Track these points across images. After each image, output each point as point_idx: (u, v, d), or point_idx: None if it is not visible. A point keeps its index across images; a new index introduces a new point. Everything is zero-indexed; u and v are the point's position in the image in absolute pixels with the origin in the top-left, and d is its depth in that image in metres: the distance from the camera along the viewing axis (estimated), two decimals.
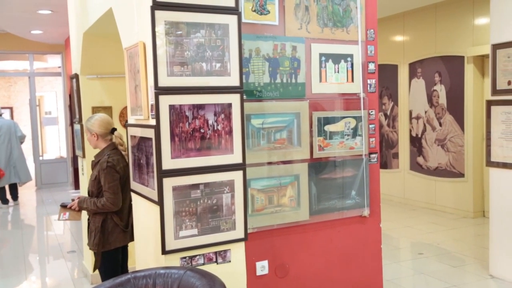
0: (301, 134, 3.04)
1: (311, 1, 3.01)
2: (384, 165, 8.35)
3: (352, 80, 3.21)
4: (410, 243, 5.92)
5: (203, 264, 2.58)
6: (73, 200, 3.33)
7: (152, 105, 2.50)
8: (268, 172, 2.95)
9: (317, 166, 3.12)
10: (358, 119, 3.23)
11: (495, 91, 4.39)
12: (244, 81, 2.77)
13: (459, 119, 6.93)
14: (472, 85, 6.74)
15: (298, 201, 3.04)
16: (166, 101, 2.44)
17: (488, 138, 4.49)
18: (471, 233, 6.13)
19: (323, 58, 3.08)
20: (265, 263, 2.95)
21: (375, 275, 3.35)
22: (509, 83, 4.25)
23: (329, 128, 3.14)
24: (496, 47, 4.35)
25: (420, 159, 7.66)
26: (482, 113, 6.62)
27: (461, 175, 6.97)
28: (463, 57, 6.82)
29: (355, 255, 3.28)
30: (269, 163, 2.95)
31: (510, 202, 4.31)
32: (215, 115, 2.56)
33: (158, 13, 2.40)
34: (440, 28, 7.17)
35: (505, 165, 4.33)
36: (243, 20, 2.79)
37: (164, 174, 2.45)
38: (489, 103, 4.46)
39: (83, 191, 4.62)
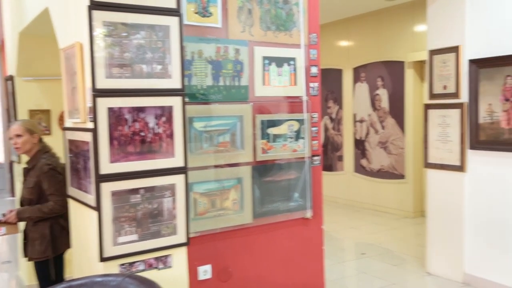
0: (244, 137, 3.03)
1: (254, 5, 3.02)
2: (330, 167, 8.51)
3: (295, 84, 3.24)
4: (354, 243, 6.06)
5: (144, 270, 2.52)
6: (4, 214, 3.14)
7: (89, 108, 2.43)
8: (211, 175, 2.92)
9: (261, 169, 3.13)
10: (301, 122, 3.26)
11: (432, 95, 4.57)
12: (186, 83, 2.74)
13: (400, 122, 7.17)
14: (412, 90, 6.98)
15: (242, 204, 3.04)
16: (104, 103, 2.37)
17: (426, 141, 4.66)
18: (411, 232, 6.34)
19: (266, 61, 3.10)
20: (207, 267, 2.92)
21: (317, 276, 3.40)
22: (444, 87, 4.43)
23: (272, 131, 3.15)
24: (432, 53, 4.52)
25: (363, 161, 7.86)
26: (421, 117, 6.87)
27: (402, 176, 7.20)
28: (403, 62, 7.06)
29: (298, 257, 3.30)
30: (212, 166, 2.93)
31: (446, 202, 4.49)
32: (156, 118, 2.51)
33: (95, 13, 2.33)
34: (382, 34, 7.39)
35: (441, 167, 4.51)
36: (185, 22, 2.76)
37: (102, 178, 2.37)
38: (427, 107, 4.63)
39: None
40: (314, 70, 3.32)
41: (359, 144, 7.92)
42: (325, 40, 8.15)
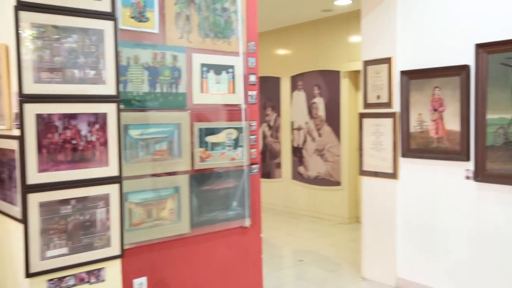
0: (182, 145, 2.98)
1: (192, 11, 2.98)
2: (268, 174, 8.56)
3: (234, 91, 3.22)
4: (291, 250, 6.11)
5: (74, 285, 2.39)
6: None
7: (16, 114, 2.28)
8: (147, 184, 2.84)
9: (199, 177, 3.08)
10: (239, 130, 3.25)
11: (366, 105, 4.70)
12: (121, 90, 2.65)
13: (336, 130, 7.33)
14: (347, 98, 7.17)
15: (179, 214, 2.97)
16: (32, 109, 2.24)
17: (361, 149, 4.78)
18: (346, 238, 6.48)
19: (204, 69, 3.06)
20: (143, 279, 2.83)
21: (256, 285, 3.38)
22: (378, 97, 4.58)
23: (210, 139, 3.11)
24: (366, 63, 4.66)
25: (301, 169, 7.97)
26: (356, 125, 7.07)
27: (338, 183, 7.36)
28: (339, 72, 7.24)
29: (236, 266, 3.28)
30: (148, 175, 2.85)
31: (379, 209, 4.62)
32: (88, 125, 2.40)
33: (23, 14, 2.20)
34: (319, 44, 7.55)
35: (375, 174, 4.64)
36: (120, 26, 2.67)
37: (29, 189, 2.24)
38: (361, 116, 4.76)
39: None
40: (252, 78, 3.33)
41: (297, 152, 8.03)
42: (264, 48, 8.22)
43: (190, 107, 3.01)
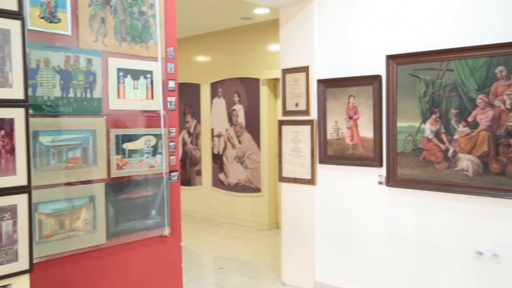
0: (97, 152, 2.85)
1: (108, 13, 2.87)
2: (188, 182, 8.46)
3: (152, 97, 3.14)
4: (212, 258, 6.06)
5: None
6: None
7: None
8: (59, 194, 2.69)
9: (115, 186, 2.96)
10: (158, 136, 3.17)
11: (285, 112, 4.79)
12: (30, 94, 2.49)
13: (256, 137, 7.41)
14: (267, 106, 7.28)
15: (94, 224, 2.84)
16: None
17: (280, 155, 4.86)
18: (266, 244, 6.55)
19: (121, 73, 2.96)
20: None
21: None
22: (296, 105, 4.68)
23: (128, 146, 3.01)
24: (285, 71, 4.76)
25: (221, 176, 7.96)
26: (276, 132, 7.19)
27: (258, 190, 7.43)
28: (258, 79, 7.33)
29: (155, 276, 3.18)
30: (61, 184, 2.69)
31: (298, 214, 4.71)
32: None
33: None
34: (239, 51, 7.61)
35: (294, 180, 4.73)
36: (29, 27, 2.51)
37: None
38: (281, 123, 4.84)
39: None
40: (171, 84, 3.27)
41: (217, 159, 8.01)
42: (183, 54, 8.14)
43: (106, 113, 2.89)
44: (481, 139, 3.51)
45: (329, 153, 4.47)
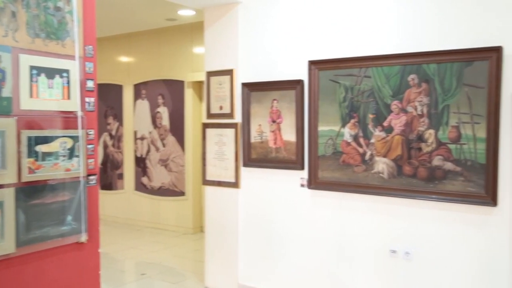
0: (6, 155, 2.67)
1: (19, 7, 2.71)
2: (109, 186, 8.19)
3: (69, 98, 3.00)
4: (134, 264, 5.90)
5: None
6: None
7: None
8: None
9: (27, 190, 2.79)
10: (75, 139, 3.03)
11: (209, 115, 4.76)
12: None
13: (181, 140, 7.32)
14: (192, 109, 7.21)
15: (2, 232, 2.65)
16: None
17: (204, 158, 4.82)
18: (191, 248, 6.47)
19: (34, 71, 2.80)
20: None
21: None
22: (221, 108, 4.67)
23: (41, 148, 2.85)
24: (209, 74, 4.73)
25: (144, 179, 7.78)
26: (200, 135, 7.14)
27: (183, 193, 7.34)
28: (183, 81, 7.25)
29: (72, 285, 3.03)
30: None
31: (222, 218, 4.70)
32: None
33: None
34: (163, 53, 7.48)
35: (218, 183, 4.71)
36: None
37: None
38: (205, 126, 4.81)
39: None
40: (90, 84, 3.13)
41: (140, 162, 7.82)
42: (104, 54, 7.88)
43: (17, 113, 2.72)
44: (396, 143, 3.68)
45: (253, 156, 4.50)
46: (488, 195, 3.32)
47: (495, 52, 3.23)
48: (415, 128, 3.59)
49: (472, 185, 3.38)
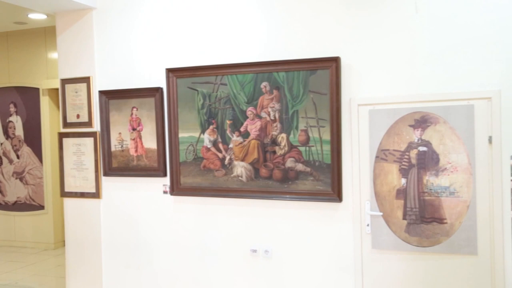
0: None
1: None
2: None
3: None
4: None
5: None
6: None
7: None
8: None
9: None
10: None
11: (66, 124, 4.57)
12: None
13: (37, 151, 6.88)
14: (49, 117, 6.83)
15: None
16: None
17: (62, 169, 4.61)
18: (52, 264, 6.12)
19: None
20: None
21: None
22: (78, 116, 4.50)
23: None
24: (64, 81, 4.54)
25: None
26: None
27: (42, 207, 6.91)
28: (38, 89, 6.83)
29: None
30: None
31: (84, 230, 4.53)
32: None
33: None
34: (13, 58, 6.97)
35: (78, 195, 4.53)
36: None
37: None
38: (61, 135, 4.60)
39: None
40: None
41: None
42: None
43: None
44: (252, 147, 3.88)
45: (114, 165, 4.41)
46: (334, 192, 3.65)
47: (334, 62, 3.56)
48: (269, 133, 3.81)
49: (320, 184, 3.69)
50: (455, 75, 3.34)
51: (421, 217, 3.44)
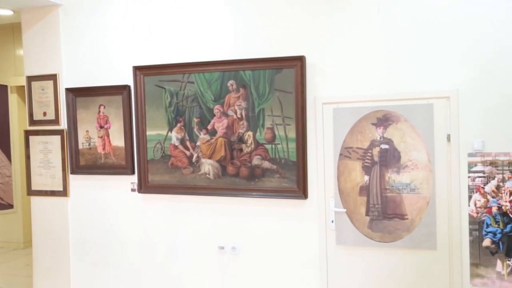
0: None
1: None
2: None
3: None
4: None
5: None
6: None
7: None
8: None
9: None
10: None
11: (32, 122, 4.52)
12: None
13: (6, 149, 6.79)
14: (17, 115, 6.74)
15: None
16: None
17: (29, 168, 4.56)
18: (21, 264, 6.06)
19: None
20: None
21: None
22: (44, 114, 4.46)
23: None
24: (30, 79, 4.49)
25: None
26: None
27: (11, 206, 6.82)
28: (6, 86, 6.73)
29: None
30: None
31: (51, 229, 4.50)
32: None
33: None
34: None
35: (45, 193, 4.50)
36: None
37: None
38: (28, 133, 4.55)
39: None
40: None
41: None
42: None
43: None
44: (219, 145, 3.90)
45: (82, 163, 4.38)
46: (300, 189, 3.70)
47: (299, 61, 3.61)
48: (236, 131, 3.84)
49: (286, 181, 3.74)
50: (415, 75, 3.42)
51: (383, 213, 3.51)
